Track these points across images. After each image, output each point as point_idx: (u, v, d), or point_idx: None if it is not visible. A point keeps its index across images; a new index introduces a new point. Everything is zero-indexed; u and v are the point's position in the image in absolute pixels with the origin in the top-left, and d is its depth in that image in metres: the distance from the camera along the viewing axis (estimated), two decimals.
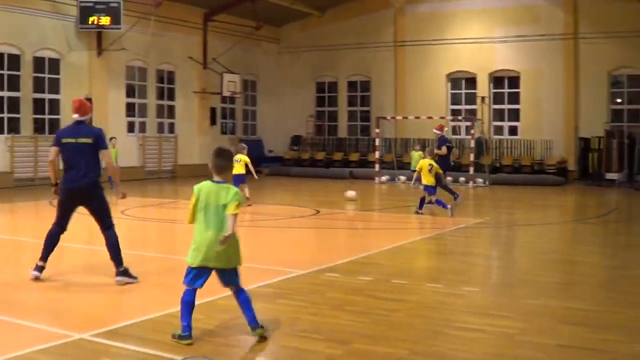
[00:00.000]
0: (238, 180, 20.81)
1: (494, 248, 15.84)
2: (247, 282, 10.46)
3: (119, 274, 10.84)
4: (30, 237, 16.67)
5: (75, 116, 10.93)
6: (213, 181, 7.84)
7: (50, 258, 11.09)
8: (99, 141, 10.89)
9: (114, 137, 28.40)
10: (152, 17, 32.69)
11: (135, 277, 10.87)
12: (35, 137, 30.66)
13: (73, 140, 10.79)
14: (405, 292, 10.28)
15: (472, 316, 8.83)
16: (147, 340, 7.66)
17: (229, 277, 7.92)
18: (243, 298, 7.96)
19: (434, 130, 26.34)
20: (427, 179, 20.50)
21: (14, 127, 30.41)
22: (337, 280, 10.98)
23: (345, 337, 7.81)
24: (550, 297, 10.21)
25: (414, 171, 29.87)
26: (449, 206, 20.05)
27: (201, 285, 7.83)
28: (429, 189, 20.57)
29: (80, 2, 31.82)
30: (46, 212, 21.78)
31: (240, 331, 8.21)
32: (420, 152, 31.27)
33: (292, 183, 33.80)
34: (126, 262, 10.96)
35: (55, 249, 11.15)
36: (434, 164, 20.73)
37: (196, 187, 7.85)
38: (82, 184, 10.82)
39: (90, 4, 31.89)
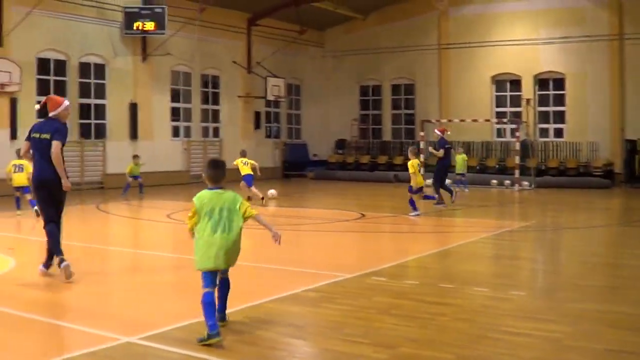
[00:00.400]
0: (250, 179, 24.13)
1: (539, 251, 15.73)
2: (294, 286, 10.54)
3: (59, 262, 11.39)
4: (77, 241, 16.79)
5: (49, 114, 11.53)
6: (210, 189, 8.21)
7: (96, 261, 11.16)
8: (53, 134, 11.32)
9: (138, 156, 28.60)
10: (196, 22, 32.88)
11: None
12: (81, 142, 30.94)
13: (37, 136, 11.41)
14: (451, 296, 10.26)
15: (518, 320, 8.78)
16: (194, 344, 7.68)
17: (225, 270, 8.37)
18: (226, 288, 8.43)
19: (435, 131, 26.28)
20: (417, 180, 20.64)
21: None
22: (384, 284, 10.97)
23: (392, 341, 7.80)
24: (597, 301, 10.12)
25: (459, 174, 30.20)
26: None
27: (216, 285, 8.14)
28: (418, 190, 20.82)
29: (125, 7, 32.10)
30: (92, 216, 22.01)
31: (285, 334, 8.24)
32: (464, 156, 31.40)
33: (337, 187, 33.79)
34: (172, 264, 11.03)
35: (98, 251, 11.20)
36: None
37: (195, 197, 8.18)
38: (43, 175, 11.40)
39: (135, 10, 32.16)
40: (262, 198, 23.50)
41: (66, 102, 11.79)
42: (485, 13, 38.79)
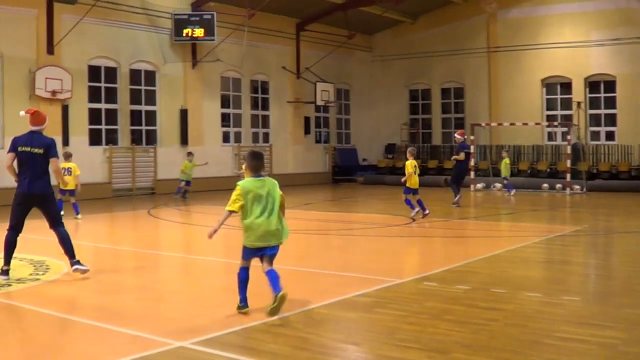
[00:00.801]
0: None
1: (592, 256, 15.60)
2: (345, 291, 10.55)
3: (73, 264, 12.06)
4: (128, 246, 16.95)
5: (31, 127, 12.08)
6: (253, 177, 9.41)
7: (147, 266, 11.22)
8: (49, 151, 11.93)
9: (191, 153, 29.26)
10: (245, 28, 33.02)
11: (86, 267, 12.14)
12: (132, 148, 31.21)
13: (28, 149, 11.83)
14: (504, 301, 10.20)
15: (572, 326, 8.71)
16: (246, 349, 7.74)
17: (276, 250, 9.45)
18: (273, 276, 9.21)
19: (456, 136, 26.93)
20: (412, 181, 21.07)
21: (111, 138, 30.98)
22: (435, 289, 10.94)
23: (445, 347, 7.77)
24: None
25: (504, 178, 30.45)
26: (415, 210, 21.08)
27: (250, 263, 9.65)
28: (413, 191, 21.20)
29: (175, 15, 32.34)
30: (144, 221, 22.19)
31: (337, 340, 8.24)
32: (507, 160, 31.59)
33: (387, 191, 33.70)
34: (223, 269, 11.08)
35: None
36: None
37: (240, 184, 9.37)
38: (34, 189, 11.78)
39: (185, 17, 32.40)
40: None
41: (47, 118, 12.62)
42: (533, 15, 38.57)
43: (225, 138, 36.27)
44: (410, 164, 21.05)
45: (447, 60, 41.37)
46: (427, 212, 20.92)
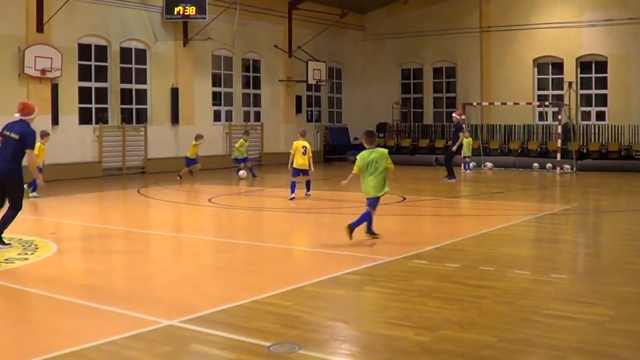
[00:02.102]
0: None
1: (581, 235, 15.64)
2: (335, 269, 10.58)
3: None
4: (118, 225, 16.93)
5: (16, 115, 12.76)
6: (367, 148, 13.33)
7: (137, 245, 11.23)
8: (24, 139, 12.53)
9: (248, 132, 31.00)
10: (237, 6, 32.90)
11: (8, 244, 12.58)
12: (122, 127, 31.08)
13: (8, 133, 12.63)
14: (493, 279, 10.23)
15: (560, 303, 8.74)
16: (236, 327, 7.74)
17: (377, 200, 13.40)
18: (364, 216, 13.32)
19: (454, 115, 27.60)
20: (297, 162, 20.70)
21: (101, 117, 30.89)
22: (425, 267, 10.97)
23: (434, 324, 7.80)
24: None
25: (465, 157, 30.96)
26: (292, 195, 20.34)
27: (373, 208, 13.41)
28: (297, 171, 20.72)
29: None
30: (134, 201, 22.16)
31: (327, 317, 8.26)
32: (470, 139, 31.86)
33: None
34: (213, 248, 11.10)
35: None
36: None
37: (359, 155, 13.29)
38: (2, 170, 12.44)
39: None
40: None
41: (36, 110, 13.26)
42: None
43: (217, 117, 36.14)
44: (296, 145, 20.70)
45: (439, 40, 41.24)
46: (292, 196, 20.30)
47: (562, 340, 7.25)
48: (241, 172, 27.81)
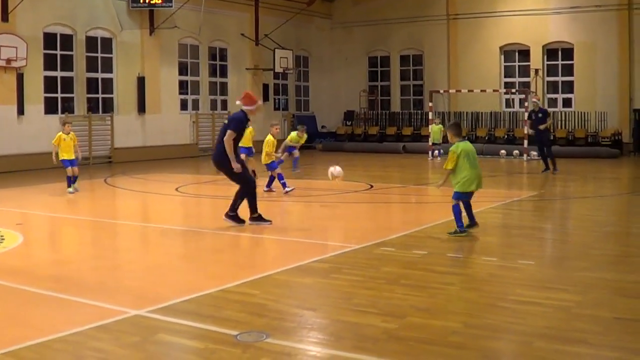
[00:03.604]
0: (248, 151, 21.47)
1: (548, 221, 15.73)
2: (302, 257, 10.57)
3: None
4: (85, 215, 16.85)
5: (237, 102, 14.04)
6: (460, 141, 12.56)
7: (104, 235, 11.20)
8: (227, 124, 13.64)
9: (304, 125, 27.46)
10: None
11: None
12: (89, 116, 30.86)
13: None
14: (460, 265, 10.28)
15: (527, 289, 8.78)
16: (203, 316, 7.73)
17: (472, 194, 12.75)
18: (456, 210, 12.63)
19: (534, 100, 27.79)
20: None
21: (67, 106, 30.64)
22: (392, 254, 10.99)
23: (401, 311, 7.82)
24: (607, 269, 10.11)
25: (434, 144, 31.07)
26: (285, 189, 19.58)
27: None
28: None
29: None
30: (102, 191, 22.04)
31: (294, 305, 8.26)
32: (441, 126, 32.00)
33: (346, 158, 33.66)
34: (180, 237, 11.08)
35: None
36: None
37: (454, 147, 12.39)
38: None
39: None
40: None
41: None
42: None
43: (183, 105, 35.99)
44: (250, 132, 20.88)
45: (406, 27, 41.22)
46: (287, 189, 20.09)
47: (528, 325, 7.29)
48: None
